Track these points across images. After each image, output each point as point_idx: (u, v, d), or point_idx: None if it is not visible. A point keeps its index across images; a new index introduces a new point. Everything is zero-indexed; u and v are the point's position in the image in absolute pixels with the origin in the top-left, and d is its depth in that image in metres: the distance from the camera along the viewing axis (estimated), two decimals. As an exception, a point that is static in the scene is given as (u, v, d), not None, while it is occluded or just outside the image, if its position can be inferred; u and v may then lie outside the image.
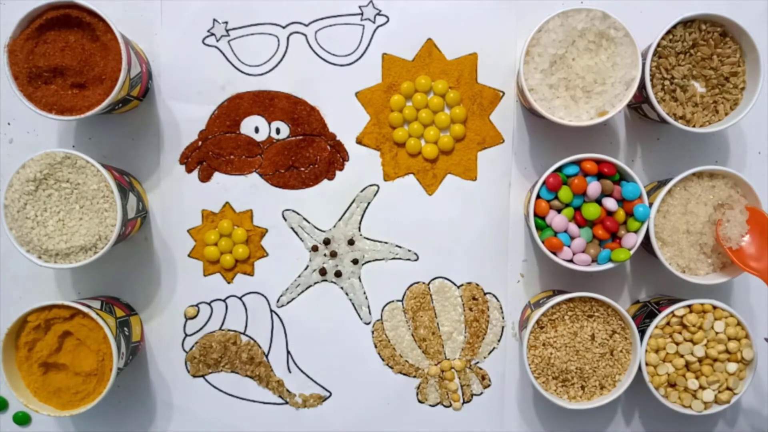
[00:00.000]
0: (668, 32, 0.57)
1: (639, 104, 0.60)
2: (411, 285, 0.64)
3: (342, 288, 0.64)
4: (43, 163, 0.56)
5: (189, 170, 0.64)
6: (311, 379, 0.64)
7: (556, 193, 0.57)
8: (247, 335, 0.64)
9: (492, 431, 0.65)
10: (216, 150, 0.63)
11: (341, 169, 0.64)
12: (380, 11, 0.63)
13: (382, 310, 0.64)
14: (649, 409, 0.65)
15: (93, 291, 0.64)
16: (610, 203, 0.57)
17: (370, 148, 0.64)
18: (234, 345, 0.64)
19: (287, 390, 0.64)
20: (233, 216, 0.64)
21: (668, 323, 0.58)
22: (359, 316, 0.64)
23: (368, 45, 0.63)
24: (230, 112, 0.63)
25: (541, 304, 0.59)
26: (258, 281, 0.64)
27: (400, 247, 0.64)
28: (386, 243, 0.64)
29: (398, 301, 0.64)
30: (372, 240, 0.64)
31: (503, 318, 0.64)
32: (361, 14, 0.63)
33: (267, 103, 0.63)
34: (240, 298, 0.64)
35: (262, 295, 0.64)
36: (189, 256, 0.64)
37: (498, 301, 0.64)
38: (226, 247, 0.64)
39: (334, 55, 0.63)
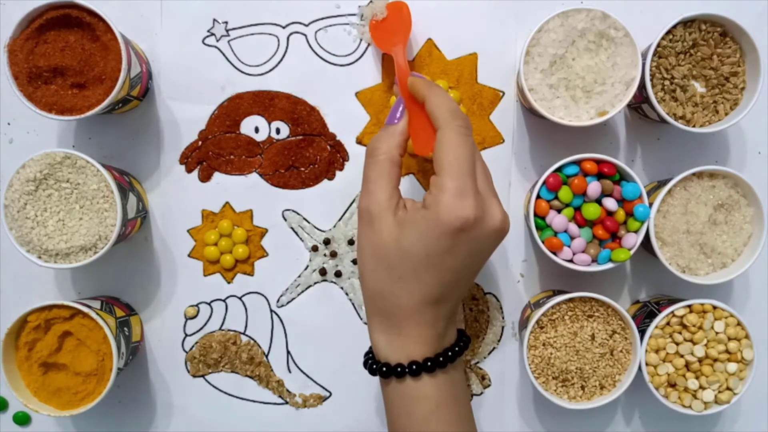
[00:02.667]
0: (668, 32, 0.57)
1: (639, 104, 0.60)
2: (411, 285, 0.64)
3: (342, 288, 0.64)
4: (43, 163, 0.56)
5: (189, 170, 0.64)
6: (311, 379, 0.64)
7: (556, 193, 0.57)
8: (247, 335, 0.64)
9: (492, 431, 0.65)
10: (216, 150, 0.63)
11: (341, 169, 0.64)
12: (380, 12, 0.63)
13: (382, 310, 0.64)
14: (649, 409, 0.65)
15: (93, 291, 0.64)
16: (610, 203, 0.57)
17: (370, 148, 0.64)
18: (234, 345, 0.64)
19: (287, 390, 0.64)
20: (233, 216, 0.64)
21: (668, 323, 0.58)
22: (359, 316, 0.64)
23: (368, 45, 0.63)
24: (230, 112, 0.63)
25: (541, 304, 0.59)
26: (258, 281, 0.64)
27: (400, 247, 0.64)
28: (386, 243, 0.64)
29: (398, 301, 0.64)
30: (372, 240, 0.64)
31: (503, 318, 0.64)
32: (362, 14, 0.63)
33: (267, 103, 0.63)
34: (240, 298, 0.64)
35: (262, 295, 0.64)
36: (189, 256, 0.64)
37: (498, 301, 0.64)
38: (226, 247, 0.64)
39: (334, 55, 0.63)
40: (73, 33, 0.56)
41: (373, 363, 0.50)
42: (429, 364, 0.47)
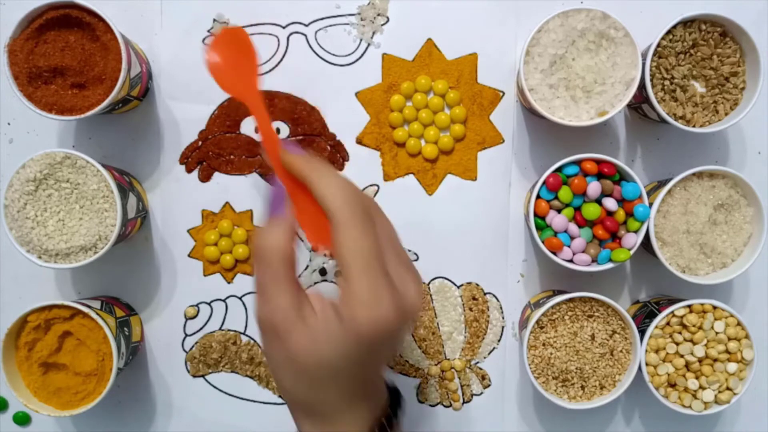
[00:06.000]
0: (668, 32, 0.57)
1: (639, 104, 0.60)
2: (411, 285, 0.64)
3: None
4: (43, 163, 0.56)
5: (189, 170, 0.64)
6: (311, 379, 0.64)
7: (556, 193, 0.57)
8: (247, 335, 0.64)
9: (492, 431, 0.65)
10: (216, 150, 0.63)
11: (341, 169, 0.64)
12: (380, 12, 0.63)
13: (382, 310, 0.64)
14: (649, 409, 0.65)
15: (93, 291, 0.64)
16: (610, 203, 0.57)
17: (370, 148, 0.64)
18: (234, 345, 0.64)
19: (287, 390, 0.64)
20: (233, 216, 0.64)
21: (668, 323, 0.58)
22: (359, 316, 0.64)
23: (368, 45, 0.63)
24: (230, 112, 0.63)
25: (541, 304, 0.59)
26: (258, 281, 0.64)
27: (400, 247, 0.64)
28: (386, 243, 0.64)
29: (398, 301, 0.64)
30: (372, 240, 0.64)
31: (503, 318, 0.64)
32: (361, 14, 0.63)
33: (267, 103, 0.63)
34: (240, 298, 0.64)
35: (262, 295, 0.64)
36: (189, 256, 0.64)
37: (498, 301, 0.64)
38: (226, 247, 0.64)
39: (334, 55, 0.63)
40: (73, 33, 0.56)
41: None
42: None
